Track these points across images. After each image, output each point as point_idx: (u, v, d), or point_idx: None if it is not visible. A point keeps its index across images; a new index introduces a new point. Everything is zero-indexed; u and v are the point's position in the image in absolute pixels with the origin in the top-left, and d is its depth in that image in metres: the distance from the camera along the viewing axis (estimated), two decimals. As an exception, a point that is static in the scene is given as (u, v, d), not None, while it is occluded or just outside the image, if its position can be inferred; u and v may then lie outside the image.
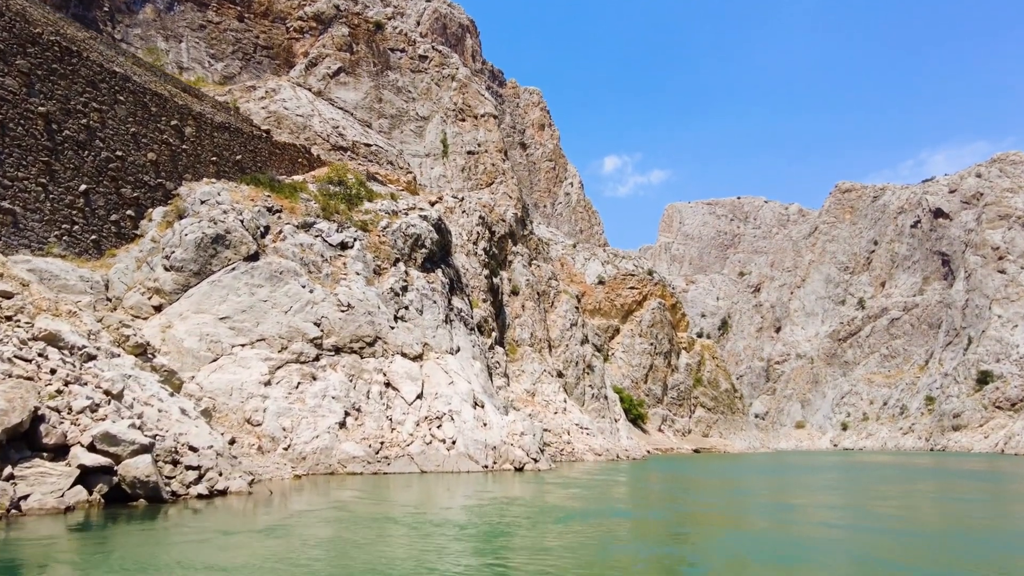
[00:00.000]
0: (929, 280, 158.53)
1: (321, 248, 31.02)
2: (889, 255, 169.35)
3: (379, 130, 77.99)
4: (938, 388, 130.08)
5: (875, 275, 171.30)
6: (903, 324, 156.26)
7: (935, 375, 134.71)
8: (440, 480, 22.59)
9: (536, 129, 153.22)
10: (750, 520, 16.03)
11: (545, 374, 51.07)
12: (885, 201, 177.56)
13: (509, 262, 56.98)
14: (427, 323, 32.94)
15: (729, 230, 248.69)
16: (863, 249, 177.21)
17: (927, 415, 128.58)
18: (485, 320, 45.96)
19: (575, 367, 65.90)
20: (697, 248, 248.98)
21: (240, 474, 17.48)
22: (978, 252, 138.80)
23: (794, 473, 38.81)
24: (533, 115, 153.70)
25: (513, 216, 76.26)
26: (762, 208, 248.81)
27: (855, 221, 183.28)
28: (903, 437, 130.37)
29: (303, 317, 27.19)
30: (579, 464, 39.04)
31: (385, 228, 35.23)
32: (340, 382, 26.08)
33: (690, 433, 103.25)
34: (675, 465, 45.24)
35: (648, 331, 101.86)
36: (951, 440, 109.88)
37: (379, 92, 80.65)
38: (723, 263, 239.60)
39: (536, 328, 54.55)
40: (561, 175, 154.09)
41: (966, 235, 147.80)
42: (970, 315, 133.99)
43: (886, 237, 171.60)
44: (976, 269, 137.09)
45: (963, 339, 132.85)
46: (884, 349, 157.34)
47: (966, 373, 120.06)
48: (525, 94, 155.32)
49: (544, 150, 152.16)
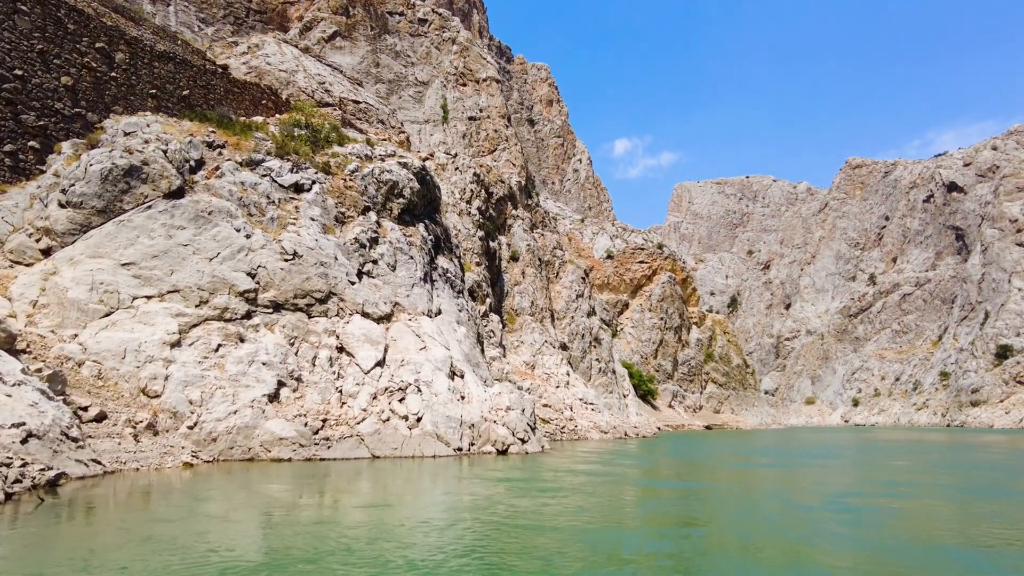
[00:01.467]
0: (942, 255, 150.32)
1: (268, 189, 24.86)
2: (901, 230, 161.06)
3: (376, 95, 71.54)
4: (953, 363, 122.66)
5: (886, 251, 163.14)
6: (915, 299, 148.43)
7: (949, 350, 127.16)
8: (384, 469, 16.47)
9: (544, 105, 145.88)
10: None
11: (547, 345, 44.90)
12: (896, 176, 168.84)
13: (508, 226, 50.66)
14: (400, 280, 26.79)
15: (738, 209, 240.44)
16: (874, 225, 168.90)
17: (942, 390, 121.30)
18: (478, 285, 39.77)
19: (581, 340, 59.67)
20: (706, 227, 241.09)
21: (79, 461, 11.49)
22: (995, 225, 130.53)
23: (837, 459, 32.40)
24: (541, 91, 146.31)
25: (517, 184, 70.01)
26: (771, 187, 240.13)
27: (866, 197, 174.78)
28: (916, 413, 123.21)
29: (233, 266, 21.08)
30: (581, 444, 32.88)
31: (354, 172, 29.00)
32: (276, 345, 20.00)
33: (701, 409, 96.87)
34: (689, 445, 38.99)
35: (658, 305, 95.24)
36: (970, 416, 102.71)
37: (376, 56, 74.18)
38: (732, 242, 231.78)
39: (537, 296, 48.30)
40: (570, 152, 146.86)
41: (982, 208, 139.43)
42: (986, 289, 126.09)
43: (898, 212, 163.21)
44: (993, 242, 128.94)
45: (979, 313, 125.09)
46: (896, 325, 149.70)
47: (984, 347, 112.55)
48: (533, 70, 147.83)
49: (552, 126, 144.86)
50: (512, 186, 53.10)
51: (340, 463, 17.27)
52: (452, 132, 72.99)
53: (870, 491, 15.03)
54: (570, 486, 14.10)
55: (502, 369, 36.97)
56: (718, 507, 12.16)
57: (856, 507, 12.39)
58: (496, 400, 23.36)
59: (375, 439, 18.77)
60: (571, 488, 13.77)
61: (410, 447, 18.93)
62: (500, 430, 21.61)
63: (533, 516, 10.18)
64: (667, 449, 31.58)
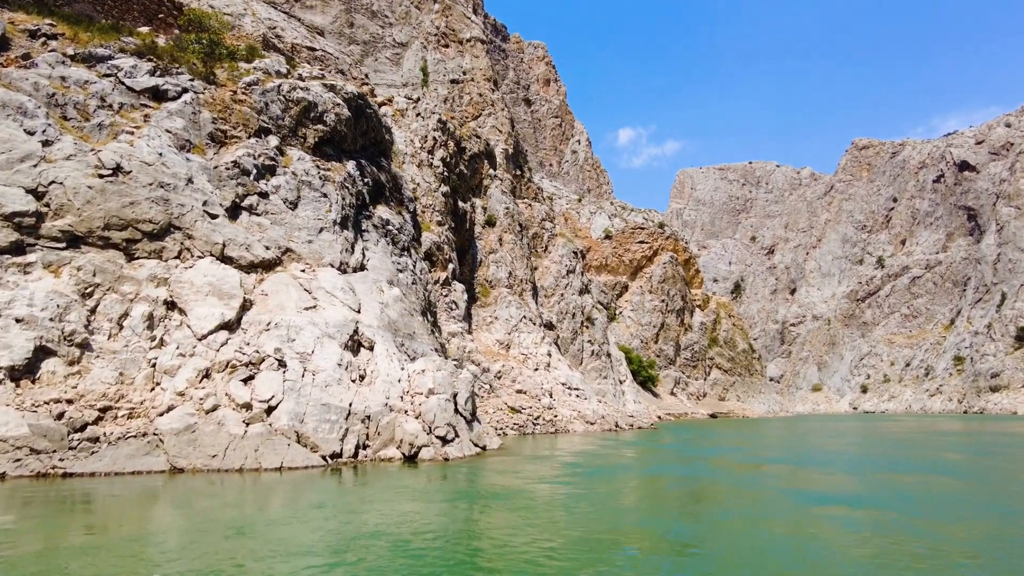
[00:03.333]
0: (953, 236, 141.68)
1: (108, 90, 17.37)
2: (910, 212, 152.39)
3: (351, 58, 63.92)
4: (968, 347, 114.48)
5: (895, 233, 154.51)
6: (925, 282, 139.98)
7: (963, 334, 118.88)
8: (131, 502, 8.94)
9: (541, 84, 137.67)
10: None
11: (526, 322, 37.39)
12: (905, 157, 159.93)
13: (484, 188, 43.06)
14: (301, 222, 19.31)
15: (741, 195, 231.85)
16: (881, 207, 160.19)
17: (956, 376, 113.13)
18: (438, 247, 32.22)
19: (571, 319, 52.12)
20: (709, 214, 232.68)
21: None
22: (1011, 203, 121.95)
23: (942, 471, 24.71)
24: (538, 70, 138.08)
25: (502, 152, 62.45)
26: (774, 172, 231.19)
27: (872, 179, 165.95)
28: (930, 399, 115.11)
29: (6, 178, 13.64)
30: (558, 439, 25.35)
31: (252, 86, 21.49)
32: (52, 294, 12.55)
33: (705, 396, 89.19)
34: (689, 439, 31.43)
35: (659, 287, 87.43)
36: (989, 402, 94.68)
37: (351, 16, 66.52)
38: (735, 228, 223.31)
39: (517, 267, 40.74)
40: (568, 132, 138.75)
41: (996, 187, 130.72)
42: (1003, 270, 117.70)
43: (906, 193, 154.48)
44: (1009, 221, 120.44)
45: (995, 295, 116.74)
46: (905, 309, 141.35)
47: (1003, 330, 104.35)
48: (530, 48, 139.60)
49: (550, 106, 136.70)
50: (489, 143, 45.35)
51: (102, 481, 9.82)
52: (432, 96, 65.30)
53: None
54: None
55: (464, 347, 29.48)
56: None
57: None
58: (417, 381, 15.85)
59: (182, 441, 11.30)
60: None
61: (240, 454, 11.45)
62: (410, 425, 14.12)
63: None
64: (659, 452, 24.03)
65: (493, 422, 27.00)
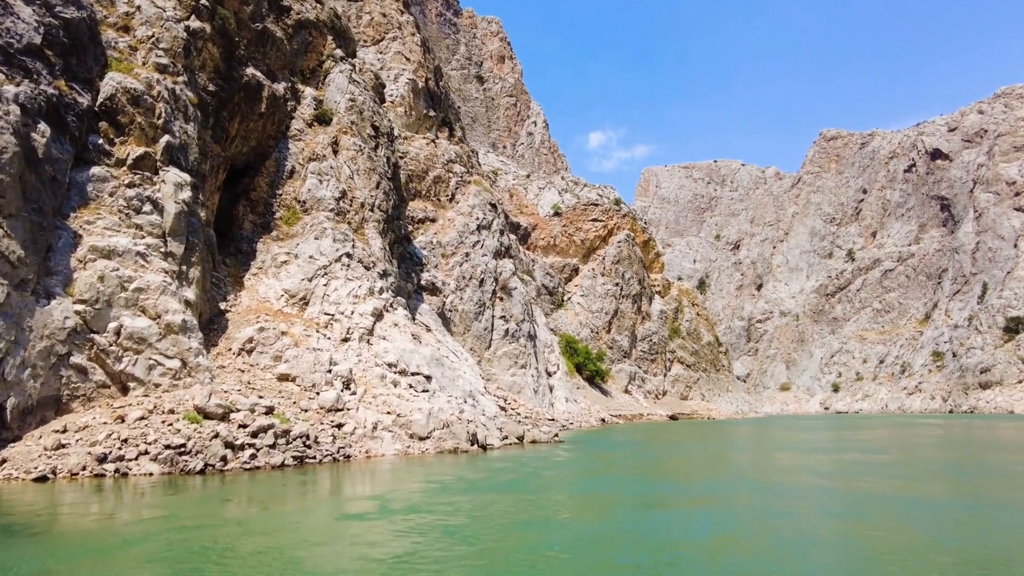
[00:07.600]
0: (926, 227, 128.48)
1: None
2: (880, 203, 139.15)
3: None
4: (947, 342, 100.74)
5: (865, 225, 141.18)
6: (898, 276, 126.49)
7: (942, 328, 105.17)
8: None
9: (495, 62, 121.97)
10: None
11: (348, 264, 21.41)
12: (875, 147, 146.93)
13: (325, 73, 27.03)
14: None
15: (706, 193, 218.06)
16: (851, 199, 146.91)
17: (937, 372, 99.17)
18: (135, 98, 16.11)
19: (476, 288, 36.13)
20: (674, 212, 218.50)
21: None
22: (989, 189, 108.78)
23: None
24: (492, 46, 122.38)
25: (407, 83, 46.37)
26: (739, 171, 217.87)
27: (841, 170, 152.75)
28: (908, 398, 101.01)
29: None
30: (294, 480, 9.38)
31: None
32: None
33: (665, 395, 73.82)
34: (614, 465, 15.58)
35: (613, 268, 71.77)
36: (980, 400, 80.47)
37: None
38: (700, 226, 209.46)
39: (358, 185, 24.71)
40: (524, 113, 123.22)
41: (972, 174, 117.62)
42: (982, 259, 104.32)
43: (876, 184, 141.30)
44: (988, 208, 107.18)
45: (974, 286, 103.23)
46: (877, 303, 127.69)
47: (990, 321, 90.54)
48: (483, 23, 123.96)
49: (504, 84, 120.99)
50: (336, 14, 29.15)
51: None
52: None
53: None
54: None
55: (200, 309, 13.26)
56: None
57: None
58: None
59: None
60: None
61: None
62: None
63: None
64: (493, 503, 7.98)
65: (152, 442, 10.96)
